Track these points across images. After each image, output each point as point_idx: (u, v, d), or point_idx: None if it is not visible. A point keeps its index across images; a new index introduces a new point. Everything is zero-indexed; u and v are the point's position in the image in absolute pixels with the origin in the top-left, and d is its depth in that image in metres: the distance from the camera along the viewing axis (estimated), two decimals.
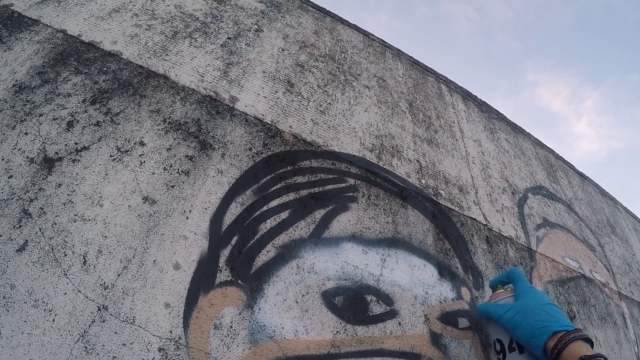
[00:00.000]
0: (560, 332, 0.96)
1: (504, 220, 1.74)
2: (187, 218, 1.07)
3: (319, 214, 1.24)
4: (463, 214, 1.58)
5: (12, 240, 0.90)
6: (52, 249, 0.91)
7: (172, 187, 1.10)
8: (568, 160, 2.67)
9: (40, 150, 1.03)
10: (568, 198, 2.31)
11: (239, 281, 1.03)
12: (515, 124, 2.40)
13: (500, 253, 1.60)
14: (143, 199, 1.05)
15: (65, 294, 0.87)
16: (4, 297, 0.83)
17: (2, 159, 0.99)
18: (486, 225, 1.64)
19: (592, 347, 0.96)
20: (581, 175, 2.72)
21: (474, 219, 1.61)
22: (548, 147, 2.55)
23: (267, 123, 1.35)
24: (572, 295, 1.76)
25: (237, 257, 1.06)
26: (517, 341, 1.06)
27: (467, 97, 2.22)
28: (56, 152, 1.04)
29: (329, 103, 1.56)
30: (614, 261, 2.28)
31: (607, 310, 1.90)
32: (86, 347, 0.84)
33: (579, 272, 1.90)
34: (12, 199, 0.95)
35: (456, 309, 1.31)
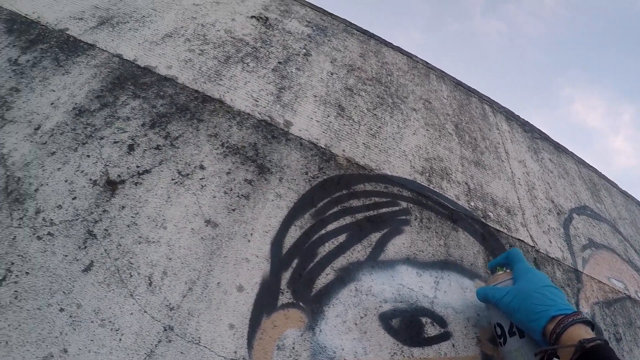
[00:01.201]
0: (559, 316, 0.94)
1: (550, 241, 1.73)
2: (249, 241, 1.10)
3: (375, 237, 1.26)
4: (511, 236, 1.58)
5: (77, 260, 0.94)
6: (118, 269, 0.95)
7: (233, 210, 1.13)
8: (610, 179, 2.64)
9: (102, 172, 1.07)
10: (612, 218, 2.28)
11: (300, 303, 1.06)
12: (558, 143, 2.38)
13: (548, 274, 1.58)
14: (205, 222, 1.09)
15: (131, 314, 0.90)
16: (70, 316, 0.86)
17: (66, 181, 1.03)
18: (534, 246, 1.63)
19: (593, 329, 0.93)
20: (625, 193, 2.68)
21: (522, 240, 1.61)
22: (591, 166, 2.52)
23: (321, 147, 1.38)
24: (618, 317, 1.74)
25: (297, 280, 1.09)
26: (516, 325, 1.05)
27: (511, 117, 2.22)
28: (118, 175, 1.08)
29: (379, 126, 1.59)
30: None
31: None
32: None
33: (625, 293, 1.87)
34: (77, 220, 0.99)
35: None
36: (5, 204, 0.97)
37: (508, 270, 1.19)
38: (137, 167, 1.11)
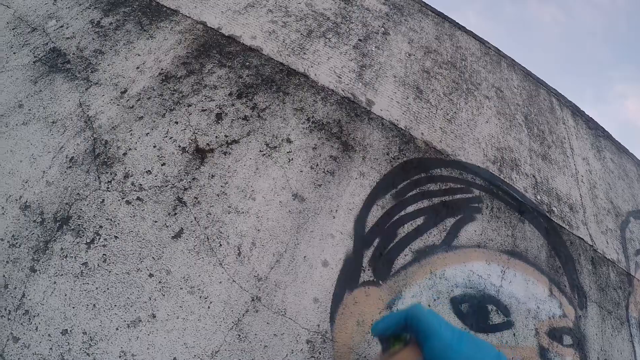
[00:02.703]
0: None
1: (607, 242, 1.73)
2: (334, 217, 1.13)
3: (449, 222, 1.28)
4: (572, 233, 1.59)
5: (167, 227, 0.97)
6: (208, 238, 0.98)
7: (319, 186, 1.16)
8: None
9: (191, 140, 1.10)
10: None
11: (380, 281, 1.09)
12: (620, 143, 2.35)
13: (603, 275, 1.59)
14: (293, 195, 1.12)
15: (220, 282, 0.94)
16: (159, 282, 0.90)
17: (154, 146, 1.06)
18: (592, 246, 1.63)
19: None
20: None
21: (582, 238, 1.61)
22: None
23: (401, 128, 1.39)
24: None
25: (378, 259, 1.12)
26: None
27: (576, 112, 2.19)
28: (207, 144, 1.11)
29: (455, 112, 1.59)
30: None
31: None
32: (239, 335, 0.91)
33: None
34: (166, 186, 1.02)
35: (562, 326, 1.33)
36: (92, 167, 1.00)
37: (411, 343, 0.69)
38: (226, 136, 1.14)
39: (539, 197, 1.58)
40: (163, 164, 1.04)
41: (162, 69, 1.20)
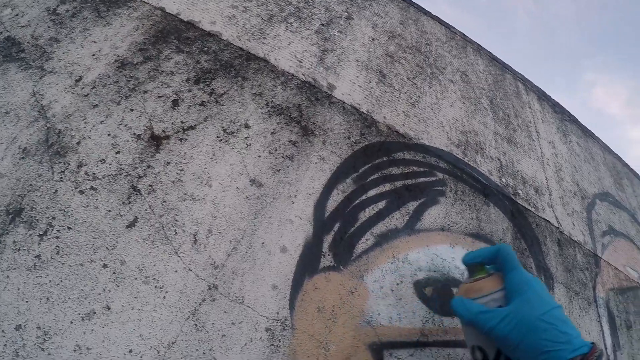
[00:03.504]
0: (576, 358, 0.73)
1: (574, 224, 1.74)
2: (293, 202, 1.11)
3: (412, 205, 1.27)
4: (538, 215, 1.59)
5: (121, 216, 0.94)
6: (163, 226, 0.96)
7: (278, 171, 1.14)
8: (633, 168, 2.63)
9: (147, 127, 1.07)
10: (632, 207, 2.29)
11: (341, 267, 1.07)
12: (586, 127, 2.37)
13: (569, 257, 1.60)
14: (250, 181, 1.09)
15: (176, 271, 0.92)
16: (114, 273, 0.87)
17: (109, 134, 1.03)
18: (558, 227, 1.64)
19: None
20: None
21: (548, 220, 1.62)
22: (615, 153, 2.51)
23: (363, 112, 1.38)
24: (630, 305, 1.76)
25: (339, 244, 1.10)
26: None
27: (542, 97, 2.21)
28: (163, 130, 1.08)
29: (418, 96, 1.58)
30: None
31: None
32: (196, 325, 0.88)
33: (638, 283, 1.89)
34: (121, 174, 0.99)
35: None
36: (46, 157, 0.96)
37: (493, 274, 0.88)
38: (182, 122, 1.11)
39: (504, 180, 1.58)
40: (117, 152, 1.01)
41: (118, 56, 1.16)
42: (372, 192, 1.22)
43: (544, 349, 0.73)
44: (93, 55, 1.15)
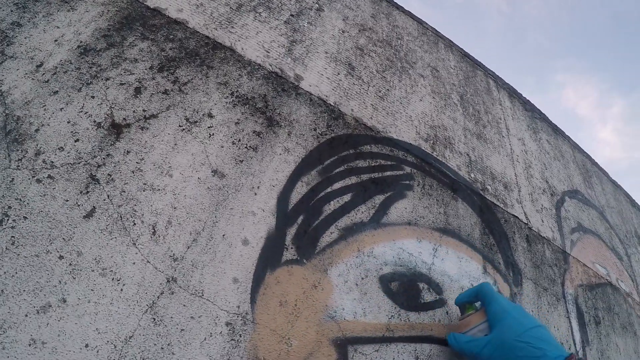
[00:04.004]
0: None
1: (542, 221, 1.75)
2: (256, 194, 1.08)
3: (379, 199, 1.25)
4: (507, 211, 1.59)
5: (79, 205, 0.90)
6: (121, 217, 0.92)
7: (241, 161, 1.11)
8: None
9: (107, 115, 1.03)
10: (601, 205, 2.31)
11: (304, 260, 1.05)
12: (556, 126, 2.39)
13: (538, 253, 1.61)
14: (212, 172, 1.06)
15: (134, 263, 0.88)
16: (70, 264, 0.83)
17: (68, 122, 0.99)
18: (527, 224, 1.65)
19: None
20: (614, 183, 2.71)
21: (517, 216, 1.62)
22: (585, 152, 2.54)
23: (330, 104, 1.35)
24: (599, 301, 1.77)
25: (302, 237, 1.07)
26: None
27: (513, 94, 2.21)
28: (124, 118, 1.04)
29: (387, 89, 1.56)
30: (639, 272, 2.29)
31: (629, 319, 1.91)
32: (154, 319, 0.85)
33: (607, 279, 1.91)
34: (79, 163, 0.95)
35: None
36: (3, 144, 0.92)
37: (480, 309, 1.05)
38: (144, 111, 1.07)
39: (472, 175, 1.58)
40: (76, 140, 0.96)
41: (81, 42, 1.12)
42: (337, 185, 1.20)
43: None
44: (55, 40, 1.10)
